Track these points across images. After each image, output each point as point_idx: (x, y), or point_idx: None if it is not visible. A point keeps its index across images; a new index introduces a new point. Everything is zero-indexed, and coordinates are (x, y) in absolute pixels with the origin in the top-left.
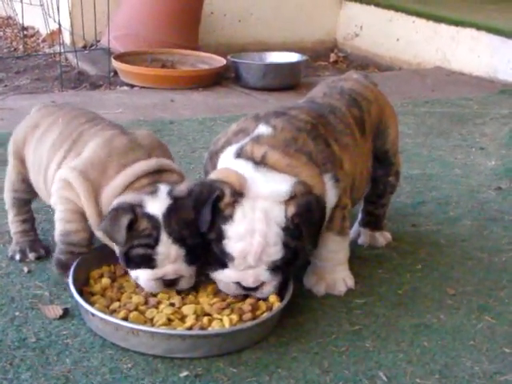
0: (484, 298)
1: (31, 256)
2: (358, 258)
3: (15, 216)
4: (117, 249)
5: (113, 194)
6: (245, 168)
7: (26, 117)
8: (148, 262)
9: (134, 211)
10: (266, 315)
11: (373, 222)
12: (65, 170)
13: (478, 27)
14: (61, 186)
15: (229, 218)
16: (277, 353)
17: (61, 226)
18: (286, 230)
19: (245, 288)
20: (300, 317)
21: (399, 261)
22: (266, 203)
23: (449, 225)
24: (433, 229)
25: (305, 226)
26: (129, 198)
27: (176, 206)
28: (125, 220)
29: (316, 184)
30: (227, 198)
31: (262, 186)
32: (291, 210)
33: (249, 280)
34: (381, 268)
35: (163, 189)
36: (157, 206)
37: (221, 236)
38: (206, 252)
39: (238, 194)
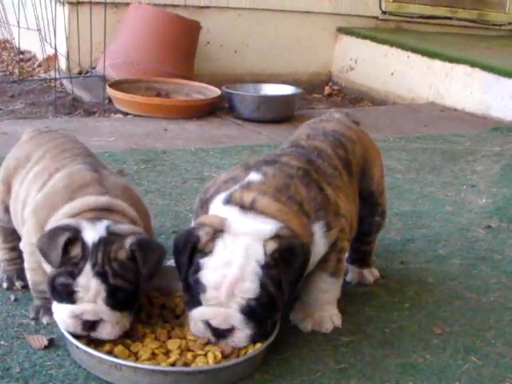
0: (471, 338)
1: (18, 284)
2: (346, 295)
3: (2, 243)
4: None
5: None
6: (231, 213)
7: (19, 142)
8: (68, 294)
9: (74, 231)
10: (250, 352)
11: (360, 258)
12: (29, 207)
13: (472, 64)
14: (26, 231)
15: (209, 252)
16: None
17: (29, 276)
18: (265, 268)
19: (214, 331)
20: (285, 353)
21: (387, 299)
22: (246, 239)
23: (437, 263)
24: (421, 267)
25: (284, 267)
26: (68, 221)
27: (108, 240)
28: (62, 238)
29: (304, 234)
30: (205, 238)
31: (243, 225)
32: (272, 246)
33: (218, 318)
34: (368, 306)
35: (104, 222)
36: (91, 234)
37: (198, 268)
38: (132, 302)
39: (218, 231)
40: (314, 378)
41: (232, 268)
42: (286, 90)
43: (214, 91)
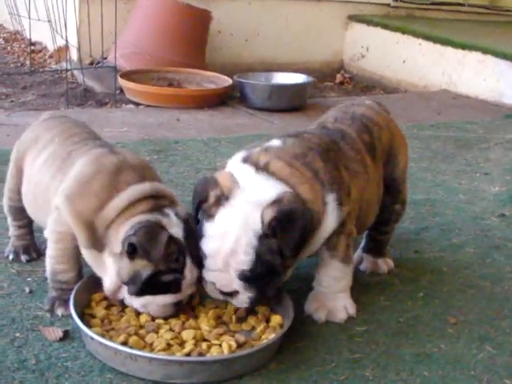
0: (485, 327)
1: (23, 258)
2: (360, 285)
3: (12, 221)
4: (108, 278)
5: (110, 217)
6: (246, 171)
7: (33, 124)
8: (174, 287)
9: (166, 229)
10: (265, 342)
11: (376, 248)
12: (57, 195)
13: (485, 51)
14: (54, 219)
15: (211, 217)
16: (276, 380)
17: (50, 265)
18: (261, 238)
19: (220, 292)
20: (300, 343)
21: (401, 288)
22: (247, 207)
23: (451, 252)
24: (435, 255)
25: (282, 233)
26: (147, 217)
27: (186, 229)
28: (164, 236)
29: (314, 200)
30: (211, 199)
31: (249, 191)
32: (269, 214)
33: (221, 282)
34: (382, 295)
35: (170, 211)
36: (175, 228)
37: (201, 233)
38: None
39: (225, 197)
40: (328, 369)
41: (228, 239)
42: (298, 78)
43: (225, 80)
